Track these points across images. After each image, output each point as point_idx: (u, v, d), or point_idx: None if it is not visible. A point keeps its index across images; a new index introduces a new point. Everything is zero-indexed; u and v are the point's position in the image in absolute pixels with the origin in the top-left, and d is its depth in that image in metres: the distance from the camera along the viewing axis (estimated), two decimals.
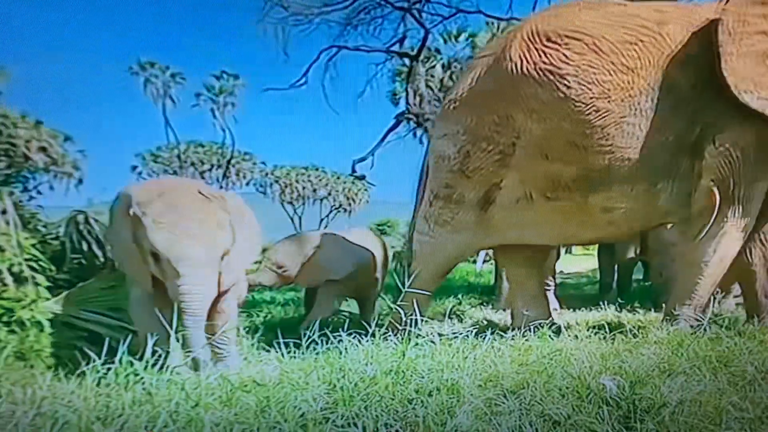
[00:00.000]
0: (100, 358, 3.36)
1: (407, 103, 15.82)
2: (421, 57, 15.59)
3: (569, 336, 4.55)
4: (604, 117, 5.19)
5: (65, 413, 2.88)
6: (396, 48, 15.48)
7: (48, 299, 5.43)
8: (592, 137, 5.26)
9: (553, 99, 5.25)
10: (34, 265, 5.70)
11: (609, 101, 5.17)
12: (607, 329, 4.60)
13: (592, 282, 10.09)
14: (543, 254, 6.52)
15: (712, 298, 5.39)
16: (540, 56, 5.30)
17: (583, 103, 5.18)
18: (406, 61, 15.83)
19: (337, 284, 7.49)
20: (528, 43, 5.39)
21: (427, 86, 16.81)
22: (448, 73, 17.36)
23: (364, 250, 7.80)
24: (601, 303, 7.81)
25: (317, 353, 4.00)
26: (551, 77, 5.25)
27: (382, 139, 15.90)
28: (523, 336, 4.46)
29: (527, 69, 5.31)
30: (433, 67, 17.16)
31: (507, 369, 3.57)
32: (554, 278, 8.45)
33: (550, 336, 4.53)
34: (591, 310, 7.30)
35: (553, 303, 7.79)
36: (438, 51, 17.34)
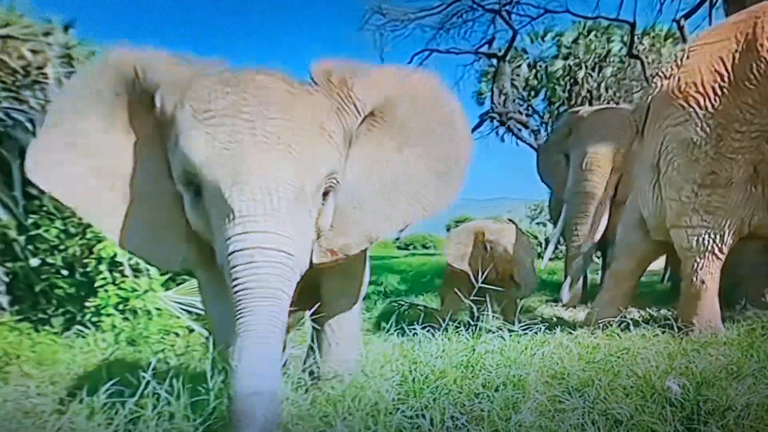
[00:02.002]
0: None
1: (492, 102, 15.66)
2: (508, 57, 15.35)
3: (637, 334, 4.35)
4: None
5: (165, 396, 2.95)
6: (484, 49, 15.34)
7: (154, 290, 5.62)
8: None
9: None
10: None
11: None
12: (675, 328, 4.38)
13: (661, 280, 9.56)
14: (660, 252, 6.24)
15: None
16: None
17: None
18: (493, 61, 15.65)
19: None
20: None
21: (512, 85, 16.63)
22: (533, 72, 17.09)
23: None
24: (672, 301, 7.42)
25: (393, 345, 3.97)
26: None
27: None
28: (592, 333, 4.32)
29: None
30: (519, 66, 16.93)
31: (574, 366, 3.42)
32: None
33: (618, 334, 4.36)
34: (660, 308, 6.95)
35: None
36: (524, 51, 17.19)
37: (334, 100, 2.82)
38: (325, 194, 2.75)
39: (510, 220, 7.85)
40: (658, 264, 10.29)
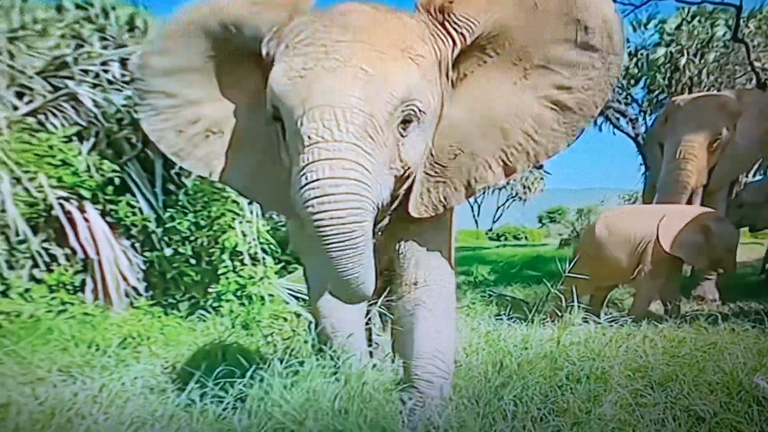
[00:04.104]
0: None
1: None
2: None
3: (726, 329, 4.06)
4: None
5: (269, 380, 3.05)
6: None
7: (269, 277, 5.82)
8: None
9: None
10: (266, 248, 6.10)
11: None
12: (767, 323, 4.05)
13: (758, 272, 8.79)
14: None
15: None
16: None
17: None
18: None
19: None
20: None
21: None
22: (634, 60, 16.24)
23: None
24: (765, 294, 6.79)
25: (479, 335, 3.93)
26: None
27: None
28: (678, 327, 4.08)
29: None
30: None
31: (658, 360, 3.25)
32: None
33: (705, 328, 4.09)
34: (752, 302, 6.42)
35: (713, 294, 6.99)
36: (626, 40, 16.22)
37: (430, 27, 2.42)
38: (406, 123, 2.30)
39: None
40: (750, 255, 9.52)
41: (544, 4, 2.49)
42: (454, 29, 2.44)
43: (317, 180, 2.04)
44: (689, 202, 7.06)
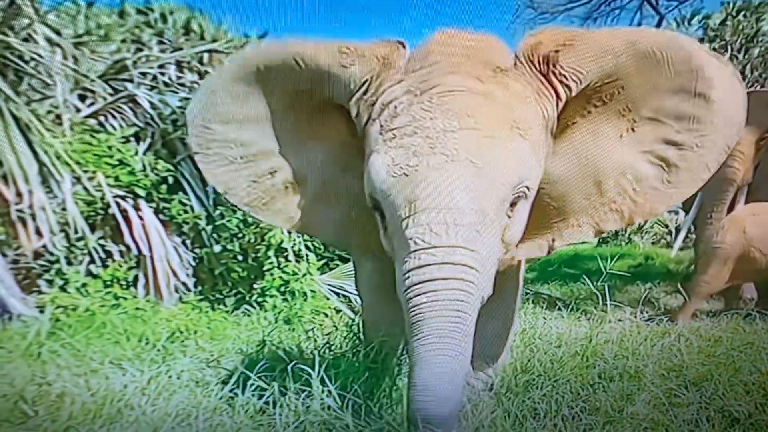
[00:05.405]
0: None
1: None
2: None
3: (764, 328, 3.92)
4: None
5: (309, 371, 3.08)
6: None
7: (311, 273, 5.87)
8: None
9: None
10: (309, 245, 6.15)
11: None
12: None
13: None
14: None
15: None
16: None
17: None
18: None
19: None
20: None
21: None
22: None
23: None
24: None
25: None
26: None
27: None
28: (715, 325, 3.96)
29: None
30: None
31: (693, 359, 3.16)
32: None
33: (743, 328, 3.96)
34: None
35: (751, 292, 6.73)
36: None
37: (534, 83, 2.22)
38: (514, 204, 2.15)
39: None
40: None
41: (661, 52, 2.29)
42: (560, 81, 2.26)
43: (424, 282, 1.94)
44: (733, 199, 6.83)
